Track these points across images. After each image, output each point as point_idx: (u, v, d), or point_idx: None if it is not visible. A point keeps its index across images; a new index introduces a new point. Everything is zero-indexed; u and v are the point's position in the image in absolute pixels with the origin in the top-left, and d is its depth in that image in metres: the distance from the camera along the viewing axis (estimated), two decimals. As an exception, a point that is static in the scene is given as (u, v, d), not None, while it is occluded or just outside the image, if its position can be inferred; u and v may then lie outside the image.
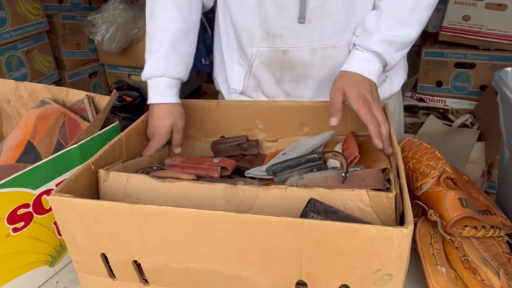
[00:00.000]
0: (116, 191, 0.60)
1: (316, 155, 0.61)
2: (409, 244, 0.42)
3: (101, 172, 0.60)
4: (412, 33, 0.74)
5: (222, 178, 0.70)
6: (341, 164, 0.62)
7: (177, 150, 0.80)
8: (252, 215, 0.44)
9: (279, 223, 0.43)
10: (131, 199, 0.59)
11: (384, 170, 0.60)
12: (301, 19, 0.75)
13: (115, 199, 0.58)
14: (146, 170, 0.70)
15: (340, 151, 0.70)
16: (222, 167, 0.71)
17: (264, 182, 0.68)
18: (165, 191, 0.57)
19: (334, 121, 0.68)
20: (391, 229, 0.41)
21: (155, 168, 0.72)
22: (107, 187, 0.60)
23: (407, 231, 0.40)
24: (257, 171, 0.70)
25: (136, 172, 0.69)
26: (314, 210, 0.47)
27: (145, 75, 0.81)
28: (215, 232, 0.46)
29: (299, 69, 0.81)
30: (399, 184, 0.52)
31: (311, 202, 0.49)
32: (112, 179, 0.60)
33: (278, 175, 0.62)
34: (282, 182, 0.61)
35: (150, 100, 0.80)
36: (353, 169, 0.59)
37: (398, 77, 0.88)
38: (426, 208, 0.64)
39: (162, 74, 0.79)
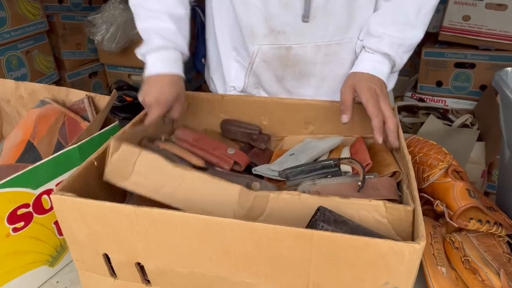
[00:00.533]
0: (124, 165, 0.57)
1: (332, 161, 0.60)
2: (420, 259, 0.41)
3: (112, 142, 0.57)
4: (418, 34, 0.76)
5: (232, 171, 0.68)
6: (353, 169, 0.62)
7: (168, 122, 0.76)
8: (260, 223, 0.44)
9: (288, 232, 0.43)
10: (139, 177, 0.57)
11: (393, 173, 0.60)
12: (305, 17, 0.75)
13: (121, 174, 0.57)
14: (152, 139, 0.67)
15: (348, 155, 0.70)
16: (235, 162, 0.68)
17: (276, 183, 0.67)
18: (177, 178, 0.55)
19: (345, 118, 0.67)
20: (403, 244, 0.40)
21: (162, 139, 0.68)
22: (116, 159, 0.57)
23: (419, 246, 0.40)
24: (266, 169, 0.69)
25: (141, 141, 0.66)
26: (324, 219, 0.47)
27: (151, 47, 0.76)
28: (223, 238, 0.46)
29: (301, 67, 0.81)
30: (412, 196, 0.51)
31: (321, 210, 0.48)
32: (122, 151, 0.57)
33: (291, 179, 0.62)
34: (295, 187, 0.61)
35: (156, 70, 0.74)
36: (367, 177, 0.58)
37: (392, 77, 0.88)
38: (432, 199, 0.64)
39: (174, 47, 0.76)
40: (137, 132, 0.66)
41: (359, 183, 0.55)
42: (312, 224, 0.47)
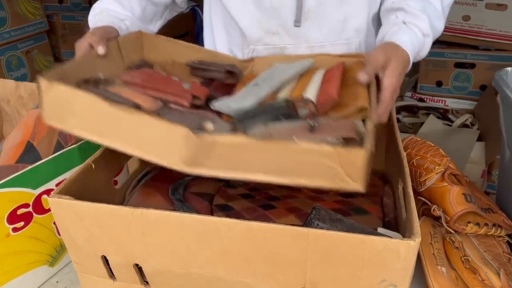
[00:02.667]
0: (60, 107, 0.52)
1: (283, 102, 0.55)
2: (415, 256, 0.42)
3: (42, 81, 0.51)
4: (442, 26, 0.75)
5: (194, 108, 0.62)
6: (311, 112, 0.56)
7: (100, 50, 0.66)
8: (257, 222, 0.44)
9: (284, 231, 0.43)
10: (78, 119, 0.52)
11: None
12: (297, 22, 0.75)
13: (59, 116, 0.52)
14: (94, 81, 0.59)
15: (319, 81, 0.62)
16: (194, 96, 0.61)
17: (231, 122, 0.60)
18: (116, 121, 0.50)
19: (364, 77, 0.58)
20: (398, 241, 0.40)
21: (101, 77, 0.60)
22: (50, 100, 0.52)
23: (414, 243, 0.40)
24: (225, 106, 0.61)
25: (78, 82, 0.58)
26: (319, 218, 0.46)
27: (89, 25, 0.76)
28: (219, 239, 0.46)
29: None
30: (404, 192, 0.51)
31: (316, 209, 0.48)
32: (56, 92, 0.51)
33: (245, 124, 0.55)
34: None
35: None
36: (323, 121, 0.53)
37: None
38: (429, 203, 0.64)
39: (100, 12, 0.77)
40: (74, 71, 0.59)
41: (311, 122, 0.50)
42: (307, 222, 0.47)
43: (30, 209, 0.61)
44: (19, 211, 0.60)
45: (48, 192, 0.63)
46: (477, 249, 0.60)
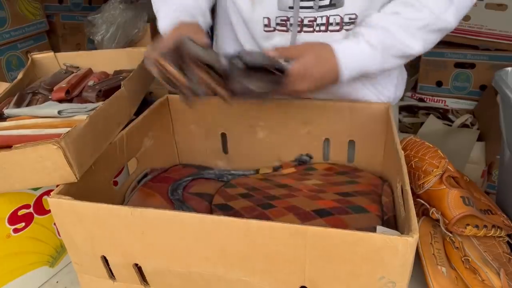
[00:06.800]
0: None
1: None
2: (414, 252, 0.42)
3: None
4: (413, 46, 0.68)
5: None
6: None
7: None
8: (255, 221, 0.44)
9: (282, 229, 0.43)
10: None
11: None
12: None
13: None
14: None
15: None
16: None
17: None
18: None
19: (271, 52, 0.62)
20: (396, 238, 0.41)
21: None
22: None
23: (412, 240, 0.40)
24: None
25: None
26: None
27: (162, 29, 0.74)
28: (218, 237, 0.46)
29: None
30: (402, 190, 0.51)
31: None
32: None
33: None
34: None
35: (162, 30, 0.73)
36: None
37: (388, 90, 0.82)
38: (428, 206, 0.64)
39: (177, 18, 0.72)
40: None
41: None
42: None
43: (31, 210, 0.62)
44: (20, 212, 0.60)
45: (49, 193, 0.63)
46: (477, 249, 0.60)
